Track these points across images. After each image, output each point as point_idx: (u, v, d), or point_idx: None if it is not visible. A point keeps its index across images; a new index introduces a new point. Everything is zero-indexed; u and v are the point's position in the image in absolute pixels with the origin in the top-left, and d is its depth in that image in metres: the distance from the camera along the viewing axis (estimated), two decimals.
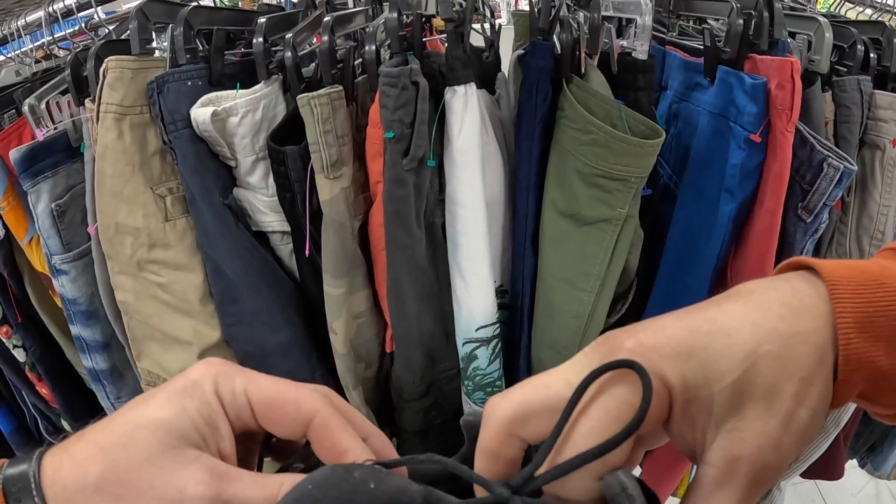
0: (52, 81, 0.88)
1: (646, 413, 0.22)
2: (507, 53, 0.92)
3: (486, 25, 0.86)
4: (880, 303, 0.23)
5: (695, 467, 0.25)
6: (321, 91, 0.65)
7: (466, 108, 0.67)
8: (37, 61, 1.03)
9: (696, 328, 0.23)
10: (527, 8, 0.96)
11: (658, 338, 0.23)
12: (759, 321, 0.23)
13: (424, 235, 0.68)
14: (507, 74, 0.86)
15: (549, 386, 0.24)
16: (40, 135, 0.79)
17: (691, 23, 0.99)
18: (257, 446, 0.30)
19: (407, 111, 0.63)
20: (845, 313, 0.23)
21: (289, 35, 0.71)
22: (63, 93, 0.88)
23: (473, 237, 0.67)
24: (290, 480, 0.24)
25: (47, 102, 0.86)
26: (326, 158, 0.65)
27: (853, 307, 0.23)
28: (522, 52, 0.84)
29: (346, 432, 0.27)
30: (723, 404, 0.23)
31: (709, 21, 0.95)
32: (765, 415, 0.22)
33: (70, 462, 0.23)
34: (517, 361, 0.83)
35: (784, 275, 0.26)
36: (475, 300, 0.69)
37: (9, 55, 1.14)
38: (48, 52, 1.14)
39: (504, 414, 0.24)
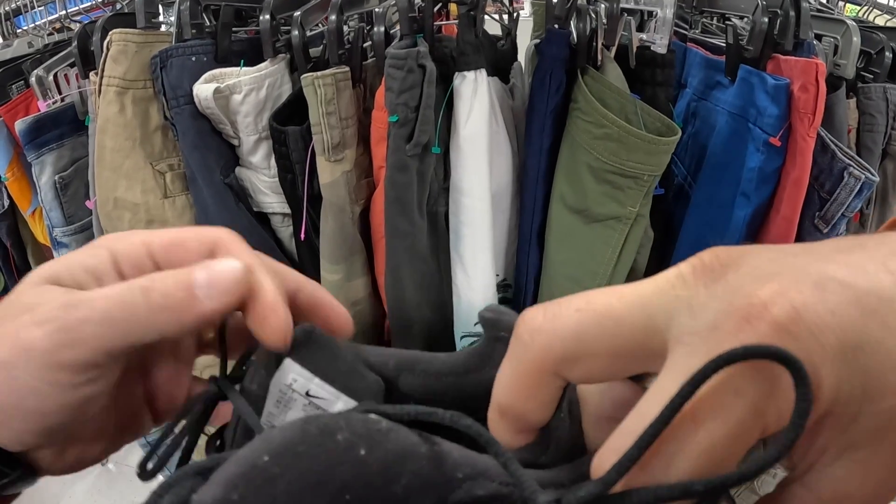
0: (62, 53, 0.85)
1: (796, 440, 0.13)
2: (524, 44, 0.87)
3: (505, 15, 0.81)
4: None
5: None
6: (326, 71, 0.61)
7: (475, 95, 0.62)
8: (49, 34, 1.00)
9: (868, 305, 0.14)
10: None
11: (819, 310, 0.14)
12: None
13: (426, 224, 0.64)
14: (523, 65, 0.82)
15: (612, 316, 0.16)
16: (44, 106, 0.76)
17: (714, 20, 0.94)
18: (189, 359, 0.25)
19: (412, 95, 0.58)
20: None
21: (297, 13, 0.67)
22: (72, 65, 0.85)
23: (477, 228, 0.63)
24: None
25: (55, 74, 0.83)
26: (328, 140, 0.61)
27: None
28: (538, 40, 0.79)
29: (260, 270, 0.20)
30: (867, 430, 0.15)
31: (732, 19, 0.89)
32: None
33: None
34: None
35: None
36: (476, 293, 0.64)
37: (24, 27, 1.11)
38: (62, 26, 1.11)
39: (550, 348, 0.16)
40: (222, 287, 0.19)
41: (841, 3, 1.14)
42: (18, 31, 1.08)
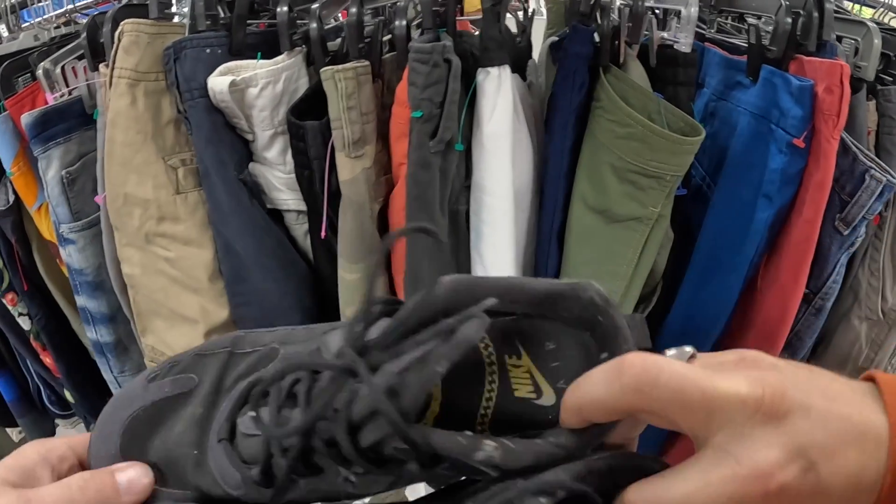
0: (69, 46, 0.82)
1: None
2: (537, 41, 0.85)
3: (520, 12, 0.80)
4: None
5: None
6: (347, 65, 0.59)
7: (499, 92, 0.60)
8: (56, 27, 0.97)
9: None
10: None
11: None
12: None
13: (448, 223, 0.62)
14: (537, 62, 0.80)
15: (687, 402, 0.20)
16: (51, 98, 0.73)
17: (729, 19, 0.92)
18: None
19: (437, 90, 0.56)
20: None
21: (315, 6, 0.64)
22: (80, 58, 0.82)
23: (499, 227, 0.61)
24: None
25: (63, 67, 0.80)
26: (349, 136, 0.58)
27: None
28: (556, 38, 0.77)
29: None
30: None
31: (749, 19, 0.88)
32: None
33: None
34: None
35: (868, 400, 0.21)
36: None
37: (31, 21, 1.08)
38: (69, 19, 1.08)
39: (640, 403, 0.21)
40: (137, 489, 0.26)
41: (848, 5, 1.13)
42: (24, 24, 1.06)
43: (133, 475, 0.26)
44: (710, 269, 0.73)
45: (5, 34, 1.13)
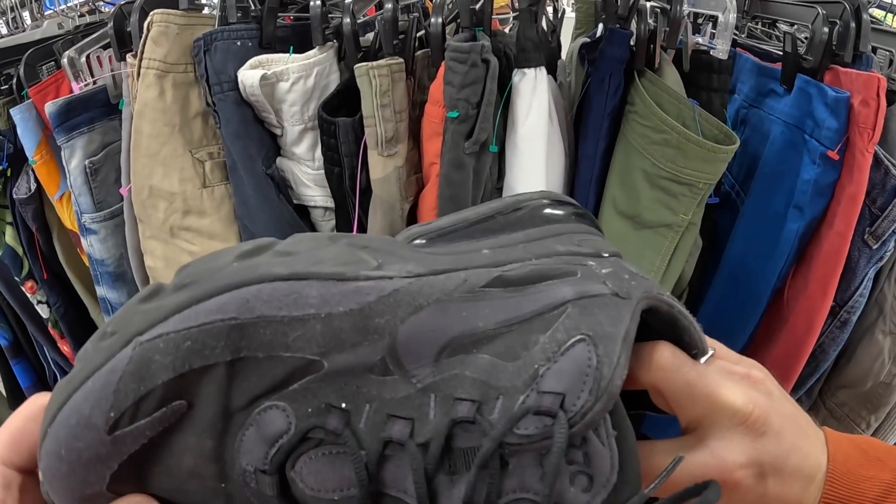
0: (95, 35, 0.80)
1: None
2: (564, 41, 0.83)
3: (549, 10, 0.77)
4: None
5: None
6: (381, 62, 0.57)
7: (535, 93, 0.58)
8: (81, 15, 0.95)
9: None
10: None
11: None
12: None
13: None
14: (565, 62, 0.78)
15: (696, 393, 0.25)
16: (77, 87, 0.71)
17: (760, 25, 0.90)
18: None
19: (474, 90, 0.54)
20: None
21: (348, 0, 0.62)
22: (105, 47, 0.80)
23: None
24: None
25: (87, 56, 0.78)
26: (382, 134, 0.56)
27: None
28: (587, 38, 0.75)
29: None
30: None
31: (782, 26, 0.86)
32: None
33: None
34: None
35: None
36: None
37: (54, 9, 1.06)
38: (93, 8, 1.06)
39: (668, 382, 0.25)
40: None
41: (878, 13, 1.10)
42: (47, 12, 1.04)
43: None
44: (737, 278, 0.71)
45: (28, 21, 1.11)
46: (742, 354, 0.27)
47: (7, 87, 0.85)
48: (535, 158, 0.58)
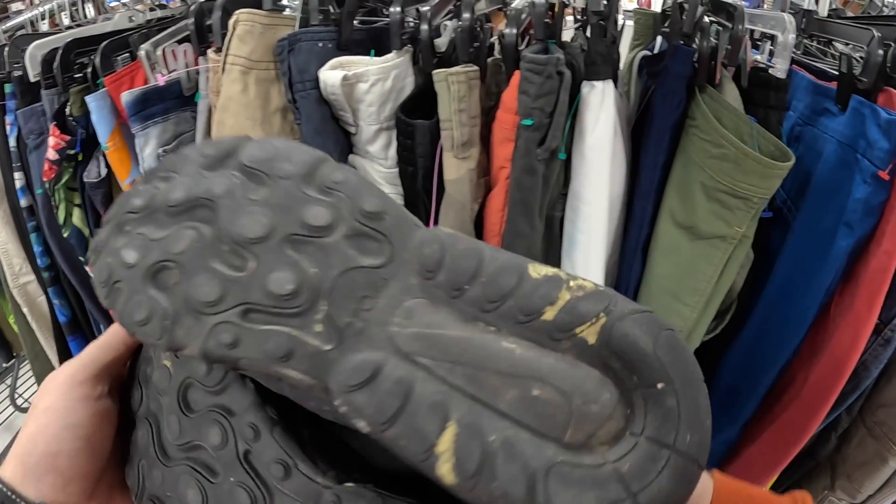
0: (169, 30, 0.85)
1: None
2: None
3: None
4: None
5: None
6: (459, 68, 0.61)
7: (602, 105, 0.62)
8: (151, 9, 1.01)
9: None
10: (650, 8, 0.90)
11: None
12: None
13: (543, 227, 0.64)
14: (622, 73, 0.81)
15: None
16: (161, 79, 0.76)
17: (815, 43, 0.93)
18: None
19: (548, 100, 0.58)
20: None
21: (425, 8, 0.67)
22: (179, 42, 0.85)
23: (594, 236, 0.63)
24: None
25: (163, 50, 0.84)
26: (458, 137, 0.61)
27: None
28: (648, 52, 0.79)
29: None
30: None
31: (838, 45, 0.89)
32: None
33: None
34: None
35: None
36: None
37: (119, 2, 1.12)
38: (156, 5, 1.12)
39: None
40: None
41: None
42: (113, 4, 1.10)
43: None
44: (786, 292, 0.75)
45: (91, 14, 1.17)
46: (787, 368, 0.32)
47: (81, 75, 0.90)
48: (600, 167, 0.62)
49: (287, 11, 0.72)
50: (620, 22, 0.81)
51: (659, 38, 0.88)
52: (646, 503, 0.19)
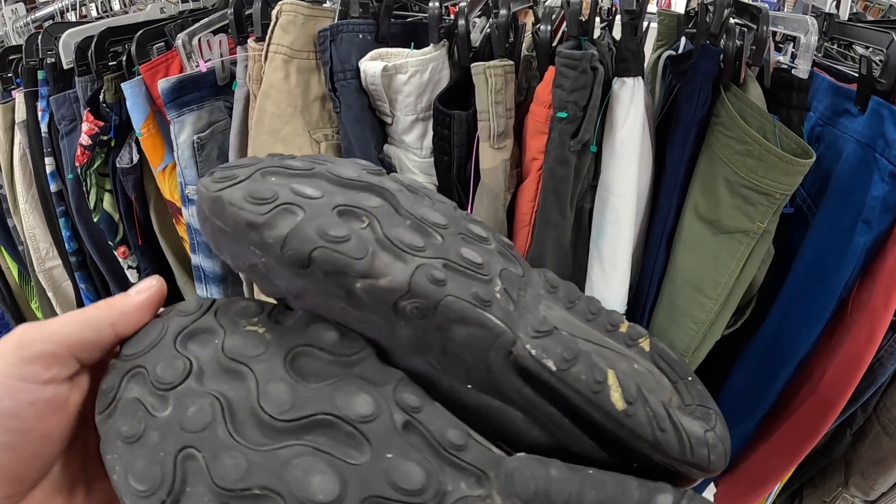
0: (204, 21, 0.90)
1: None
2: None
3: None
4: None
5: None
6: (496, 62, 0.66)
7: (632, 101, 0.67)
8: (184, 1, 1.06)
9: None
10: (674, 8, 0.95)
11: None
12: None
13: (573, 218, 0.68)
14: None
15: None
16: (204, 65, 0.81)
17: (835, 45, 0.98)
18: None
19: (582, 94, 0.63)
20: None
21: (462, 4, 0.72)
22: (214, 32, 0.90)
23: (622, 227, 0.67)
24: None
25: (199, 40, 0.88)
26: (494, 128, 0.65)
27: None
28: (673, 52, 0.84)
29: None
30: None
31: (858, 48, 0.93)
32: None
33: None
34: None
35: None
36: (611, 289, 0.69)
37: None
38: None
39: None
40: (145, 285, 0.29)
41: None
42: None
43: (144, 285, 0.29)
44: (805, 287, 0.79)
45: (117, 6, 1.22)
46: (804, 363, 0.37)
47: (115, 63, 0.95)
48: (629, 161, 0.66)
49: (327, 4, 0.77)
50: (644, 24, 0.86)
51: (683, 39, 0.93)
52: (720, 434, 0.30)
